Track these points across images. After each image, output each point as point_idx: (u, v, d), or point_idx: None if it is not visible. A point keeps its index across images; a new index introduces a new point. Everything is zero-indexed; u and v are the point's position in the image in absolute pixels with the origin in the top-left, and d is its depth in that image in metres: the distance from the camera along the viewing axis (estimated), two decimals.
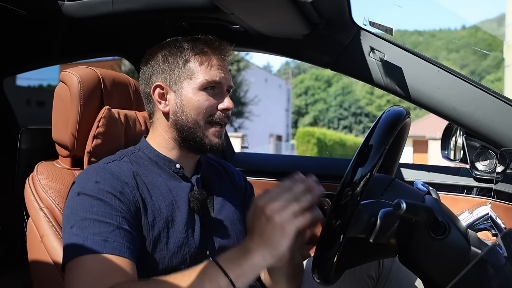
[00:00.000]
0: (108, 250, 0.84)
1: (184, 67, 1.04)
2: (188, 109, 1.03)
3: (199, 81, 1.03)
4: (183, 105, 1.04)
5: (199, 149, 1.07)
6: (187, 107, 1.04)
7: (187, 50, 1.05)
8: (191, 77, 1.04)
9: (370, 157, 0.76)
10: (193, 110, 1.03)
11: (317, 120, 40.87)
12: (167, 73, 1.05)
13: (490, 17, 74.92)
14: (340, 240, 0.74)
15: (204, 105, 1.03)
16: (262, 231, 0.79)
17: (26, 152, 1.22)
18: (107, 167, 0.98)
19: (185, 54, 1.05)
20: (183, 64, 1.04)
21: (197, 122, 1.04)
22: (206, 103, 1.03)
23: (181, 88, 1.04)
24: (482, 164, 1.38)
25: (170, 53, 1.06)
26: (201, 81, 1.03)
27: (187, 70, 1.04)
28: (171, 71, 1.05)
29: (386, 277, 1.19)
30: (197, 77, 1.03)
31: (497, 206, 1.32)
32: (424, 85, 1.29)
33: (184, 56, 1.05)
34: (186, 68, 1.04)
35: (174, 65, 1.05)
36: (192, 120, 1.04)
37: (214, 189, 1.13)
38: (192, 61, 1.04)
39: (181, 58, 1.04)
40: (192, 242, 1.00)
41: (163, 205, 0.99)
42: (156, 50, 1.08)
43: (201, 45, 1.05)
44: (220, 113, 1.05)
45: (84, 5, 1.42)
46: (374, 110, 39.28)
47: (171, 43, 1.08)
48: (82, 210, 0.89)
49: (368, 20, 1.31)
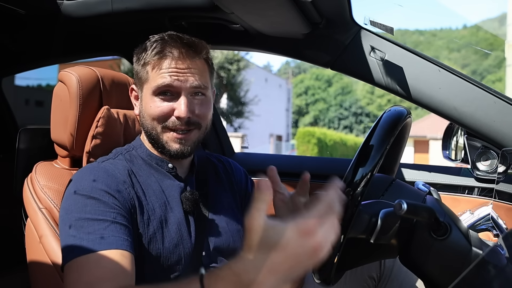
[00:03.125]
0: (105, 247, 0.84)
1: (143, 70, 1.00)
2: (146, 115, 1.01)
3: (151, 86, 0.98)
4: (143, 111, 1.02)
5: (166, 154, 1.03)
6: (145, 112, 1.01)
7: (147, 51, 0.99)
8: (147, 82, 1.00)
9: (371, 157, 0.76)
10: (148, 116, 1.00)
11: (318, 120, 40.90)
12: (136, 75, 1.04)
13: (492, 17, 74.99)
14: (340, 240, 0.74)
15: (155, 112, 0.98)
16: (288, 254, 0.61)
17: (24, 152, 1.22)
18: (102, 165, 0.98)
19: (145, 56, 1.00)
20: (142, 67, 1.01)
21: (154, 128, 1.00)
22: (158, 109, 0.98)
23: (142, 93, 1.02)
24: (484, 164, 1.37)
25: (138, 53, 1.02)
26: (152, 86, 0.98)
27: (145, 74, 1.00)
28: (136, 73, 1.03)
29: (387, 278, 1.18)
30: (150, 82, 0.99)
31: (498, 207, 1.31)
32: (425, 85, 1.28)
33: (143, 59, 1.00)
34: (144, 72, 1.00)
35: (138, 66, 1.02)
36: (150, 126, 1.01)
37: (210, 189, 1.12)
38: (149, 64, 0.99)
39: (142, 60, 1.01)
40: (187, 242, 1.00)
41: (157, 206, 0.99)
42: (138, 48, 1.05)
43: (161, 46, 0.98)
44: (174, 120, 0.98)
45: (83, 4, 1.42)
46: (375, 110, 39.31)
47: (145, 41, 1.03)
48: (76, 210, 0.89)
49: (369, 19, 1.31)
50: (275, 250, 0.61)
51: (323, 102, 41.63)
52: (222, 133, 1.87)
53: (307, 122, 40.35)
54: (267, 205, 0.63)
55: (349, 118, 40.76)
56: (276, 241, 0.61)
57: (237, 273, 0.64)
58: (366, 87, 39.54)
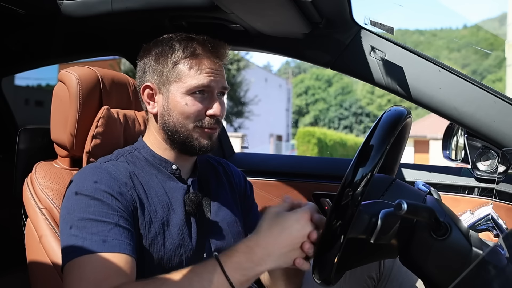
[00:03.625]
0: (107, 249, 0.84)
1: (173, 69, 1.01)
2: (175, 113, 1.01)
3: (187, 85, 0.99)
4: (170, 109, 1.01)
5: (188, 152, 1.05)
6: (174, 111, 1.01)
7: (178, 51, 1.01)
8: (179, 80, 1.00)
9: (371, 157, 0.76)
10: (179, 115, 1.01)
11: (318, 120, 40.87)
12: (157, 73, 1.03)
13: (492, 16, 74.98)
14: (340, 240, 0.74)
15: (191, 110, 1.00)
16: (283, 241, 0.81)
17: (24, 152, 1.22)
18: (104, 166, 0.98)
19: (175, 55, 1.01)
20: (172, 66, 1.01)
21: (184, 126, 1.01)
22: (193, 108, 1.00)
23: (169, 91, 1.01)
24: (484, 164, 1.37)
25: (162, 53, 1.02)
26: (189, 85, 0.99)
27: (175, 73, 1.00)
28: (160, 72, 1.02)
29: (387, 278, 1.18)
30: (185, 81, 1.00)
31: (498, 207, 1.31)
32: (425, 85, 1.28)
33: (173, 58, 1.01)
34: (175, 71, 1.01)
35: (163, 65, 1.02)
36: (179, 124, 1.01)
37: (211, 191, 1.12)
38: (182, 64, 1.00)
39: (171, 59, 1.01)
40: (188, 244, 1.00)
41: (159, 207, 0.99)
42: (151, 47, 1.06)
43: (193, 46, 1.01)
44: (208, 119, 1.02)
45: (82, 4, 1.42)
46: (375, 110, 39.28)
47: (164, 41, 1.04)
48: (79, 210, 0.88)
49: (369, 19, 1.31)
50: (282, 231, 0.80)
51: (323, 102, 41.59)
52: (222, 133, 1.87)
53: (307, 122, 40.32)
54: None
55: (349, 118, 40.73)
56: (283, 224, 0.81)
57: (250, 246, 0.81)
58: (366, 87, 39.50)
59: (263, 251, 0.80)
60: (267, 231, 0.81)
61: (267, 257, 0.80)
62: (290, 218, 0.82)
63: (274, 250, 0.80)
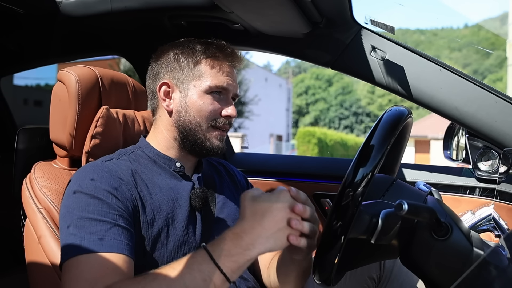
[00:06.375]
0: (105, 249, 0.84)
1: (194, 68, 1.06)
2: (192, 110, 1.05)
3: (207, 84, 1.04)
4: (187, 106, 1.05)
5: (199, 152, 1.07)
6: (191, 108, 1.05)
7: (200, 52, 1.06)
8: (199, 79, 1.05)
9: (372, 157, 0.76)
10: (196, 112, 1.04)
11: (318, 120, 40.88)
12: (176, 71, 1.07)
13: (493, 16, 74.87)
14: (341, 241, 0.73)
15: (208, 109, 1.04)
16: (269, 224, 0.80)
17: (23, 152, 1.21)
18: (105, 165, 0.98)
19: (197, 55, 1.06)
20: (194, 65, 1.06)
21: (199, 125, 1.05)
22: (210, 107, 1.04)
23: (188, 89, 1.05)
24: (485, 164, 1.37)
25: (182, 53, 1.07)
26: (209, 84, 1.04)
27: (196, 72, 1.05)
28: (180, 70, 1.06)
29: (388, 279, 1.18)
30: (205, 80, 1.04)
31: (500, 207, 1.31)
32: (426, 84, 1.28)
33: (195, 58, 1.06)
34: (196, 70, 1.05)
35: (184, 64, 1.06)
36: (195, 122, 1.05)
37: (215, 188, 1.13)
38: (203, 64, 1.06)
39: (192, 59, 1.06)
40: (192, 241, 1.00)
41: (164, 203, 0.99)
42: (169, 48, 1.10)
43: (214, 49, 1.07)
44: (223, 120, 1.06)
45: (82, 3, 1.41)
46: (376, 110, 39.29)
47: (184, 43, 1.10)
48: (78, 209, 0.88)
49: (370, 18, 1.30)
50: (264, 212, 0.80)
51: (324, 102, 41.59)
52: None
53: (307, 122, 40.32)
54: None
55: (349, 118, 40.73)
56: (263, 205, 0.81)
57: (236, 232, 0.80)
58: (367, 87, 39.50)
59: (250, 236, 0.79)
60: (250, 216, 0.81)
61: (255, 241, 0.79)
62: (269, 199, 0.82)
63: (260, 233, 0.79)
